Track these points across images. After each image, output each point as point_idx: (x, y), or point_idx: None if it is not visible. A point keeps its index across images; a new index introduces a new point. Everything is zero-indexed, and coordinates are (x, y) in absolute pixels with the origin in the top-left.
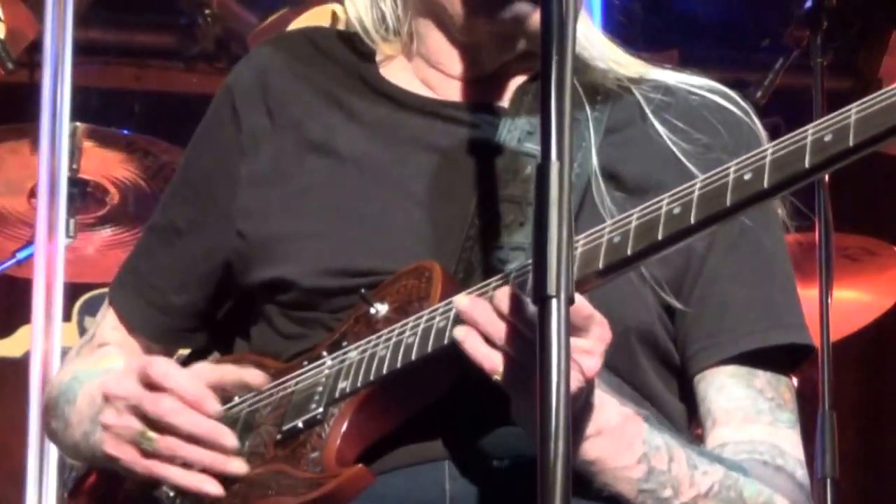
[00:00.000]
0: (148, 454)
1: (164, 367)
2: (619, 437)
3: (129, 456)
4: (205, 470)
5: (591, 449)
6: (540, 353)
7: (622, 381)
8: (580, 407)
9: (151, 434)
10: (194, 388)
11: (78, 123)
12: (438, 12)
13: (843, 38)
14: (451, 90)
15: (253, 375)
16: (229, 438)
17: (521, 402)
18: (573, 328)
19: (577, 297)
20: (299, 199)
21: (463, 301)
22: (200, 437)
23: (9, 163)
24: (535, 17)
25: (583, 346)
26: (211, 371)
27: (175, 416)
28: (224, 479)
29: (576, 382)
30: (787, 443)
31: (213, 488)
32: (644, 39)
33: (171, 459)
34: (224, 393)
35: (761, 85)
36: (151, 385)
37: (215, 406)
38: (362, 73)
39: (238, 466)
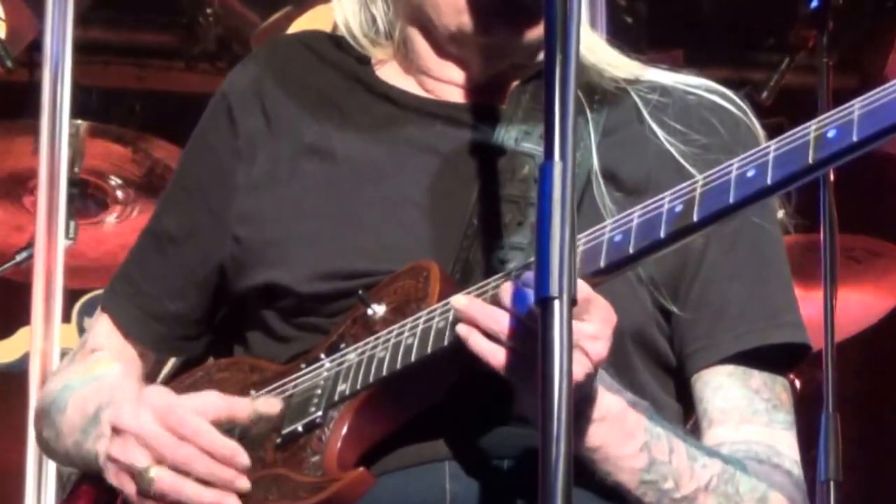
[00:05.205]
0: (145, 493)
1: (188, 419)
2: (621, 423)
3: (127, 489)
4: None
5: (595, 435)
6: (542, 354)
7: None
8: (586, 394)
9: (151, 475)
10: (222, 443)
11: (80, 121)
12: (425, 22)
13: (850, 37)
14: (446, 92)
15: (268, 406)
16: (243, 483)
17: (528, 396)
18: (574, 312)
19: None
20: (296, 203)
21: (460, 300)
22: (220, 483)
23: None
24: (528, 32)
25: (588, 332)
26: (225, 407)
27: (197, 463)
28: None
29: (584, 368)
30: (784, 444)
31: None
32: (649, 40)
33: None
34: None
35: (767, 85)
36: (172, 430)
37: (245, 461)
38: (358, 75)
39: None
